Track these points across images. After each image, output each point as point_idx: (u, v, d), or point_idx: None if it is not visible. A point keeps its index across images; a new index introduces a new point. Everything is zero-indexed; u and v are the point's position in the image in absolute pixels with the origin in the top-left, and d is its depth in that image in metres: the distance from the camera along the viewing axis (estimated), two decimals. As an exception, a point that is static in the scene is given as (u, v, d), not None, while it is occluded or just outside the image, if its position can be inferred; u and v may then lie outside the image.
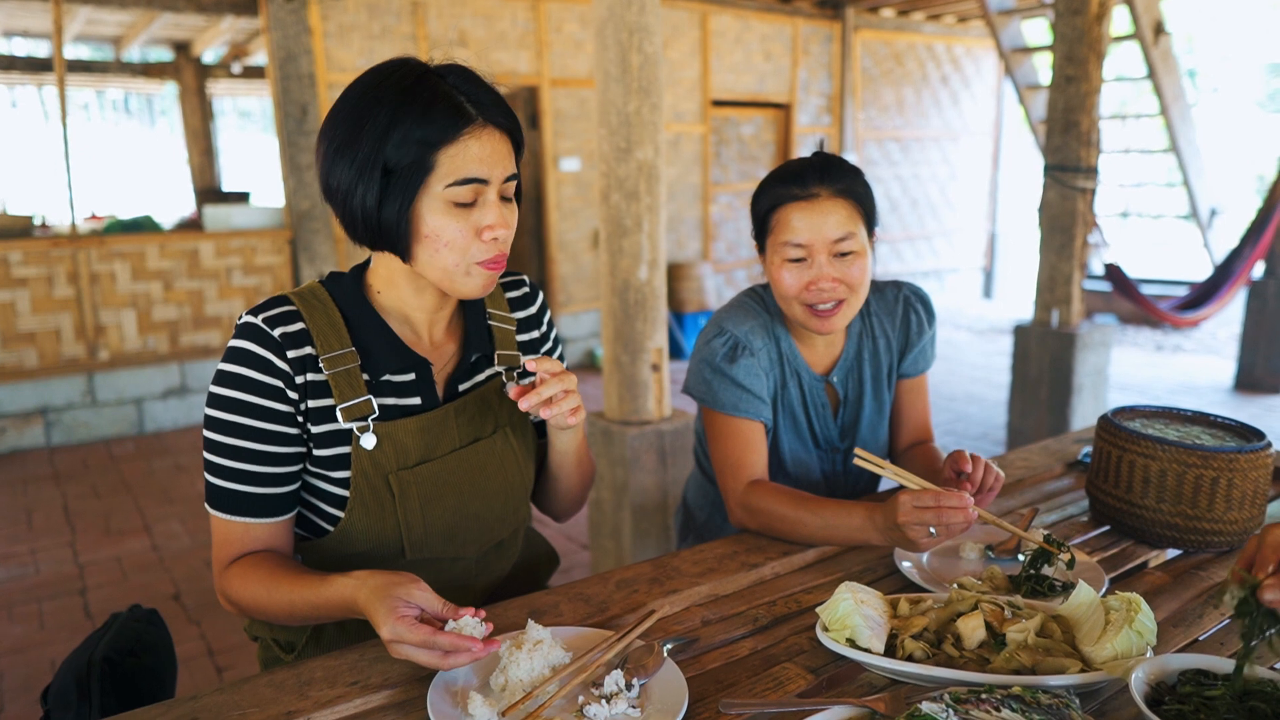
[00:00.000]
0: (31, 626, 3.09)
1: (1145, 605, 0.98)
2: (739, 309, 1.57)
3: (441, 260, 1.09)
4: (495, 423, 1.25)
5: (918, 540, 1.20)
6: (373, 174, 1.04)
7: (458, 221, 1.07)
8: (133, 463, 5.01)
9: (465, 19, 6.36)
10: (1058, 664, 0.96)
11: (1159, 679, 0.91)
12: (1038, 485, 1.66)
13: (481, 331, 1.26)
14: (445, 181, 1.05)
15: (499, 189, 1.10)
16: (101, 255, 5.36)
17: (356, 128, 1.05)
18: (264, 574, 1.09)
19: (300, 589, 1.05)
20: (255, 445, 1.09)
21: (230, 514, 1.11)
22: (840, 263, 1.43)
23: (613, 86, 2.71)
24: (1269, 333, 5.90)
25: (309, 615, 1.06)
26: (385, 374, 1.16)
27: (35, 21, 7.39)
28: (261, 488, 1.10)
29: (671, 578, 1.27)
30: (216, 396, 1.09)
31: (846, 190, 1.43)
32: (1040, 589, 1.18)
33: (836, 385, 1.60)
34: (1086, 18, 4.06)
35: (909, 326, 1.63)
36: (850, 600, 1.04)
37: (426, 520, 1.17)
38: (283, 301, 1.13)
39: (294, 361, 1.09)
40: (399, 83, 1.05)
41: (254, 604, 1.09)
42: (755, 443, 1.50)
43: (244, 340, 1.09)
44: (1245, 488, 1.31)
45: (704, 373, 1.52)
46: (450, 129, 1.04)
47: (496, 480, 1.23)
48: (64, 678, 1.24)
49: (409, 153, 1.03)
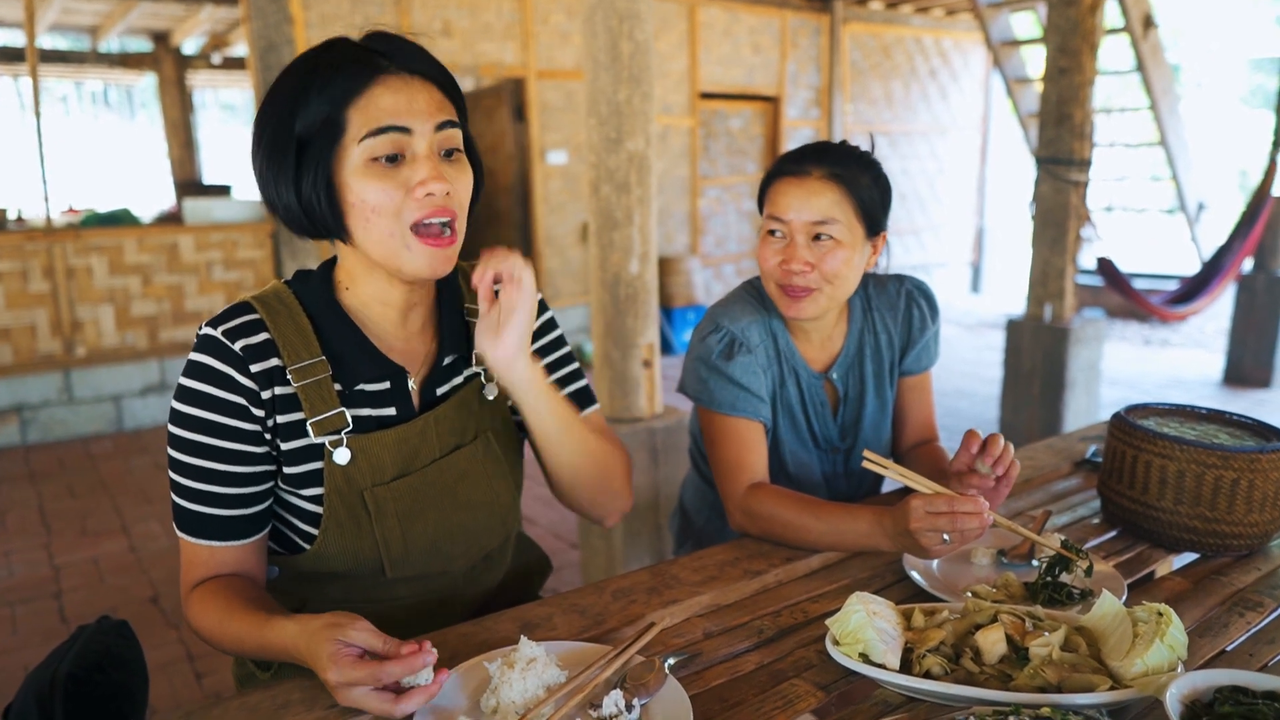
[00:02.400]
0: (4, 632, 3.00)
1: (1176, 617, 0.92)
2: (735, 303, 1.50)
3: (375, 230, 0.98)
4: (477, 428, 1.17)
5: (931, 547, 1.14)
6: (286, 150, 0.97)
7: (381, 181, 0.97)
8: (111, 461, 4.90)
9: (450, 9, 6.26)
10: (1085, 680, 0.90)
11: (1194, 697, 0.86)
12: (1046, 485, 1.61)
13: (458, 330, 1.16)
14: (359, 136, 0.96)
15: (431, 141, 0.99)
16: (78, 249, 5.24)
17: (269, 108, 0.98)
18: (220, 605, 1.01)
19: (249, 627, 0.97)
20: (220, 466, 1.02)
21: (196, 537, 1.04)
22: (816, 247, 1.38)
23: (602, 75, 2.64)
24: (1257, 327, 5.91)
25: (258, 654, 0.99)
26: (359, 384, 1.07)
27: (8, 10, 7.23)
28: (227, 509, 1.03)
29: (671, 586, 1.21)
30: (178, 413, 1.01)
31: (840, 175, 1.38)
32: (1058, 597, 1.12)
33: (836, 382, 1.54)
34: (1080, 9, 4.02)
35: (911, 322, 1.57)
36: (862, 612, 0.98)
37: (407, 538, 1.10)
38: (244, 310, 1.04)
39: (258, 376, 1.01)
40: (311, 55, 0.99)
41: (210, 634, 1.03)
42: (755, 444, 1.44)
43: (204, 355, 1.01)
44: (1266, 489, 1.26)
45: (700, 371, 1.46)
46: (358, 80, 0.96)
47: (481, 489, 1.16)
48: (24, 697, 1.16)
49: (317, 113, 0.95)
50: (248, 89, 11.08)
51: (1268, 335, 5.88)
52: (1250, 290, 5.92)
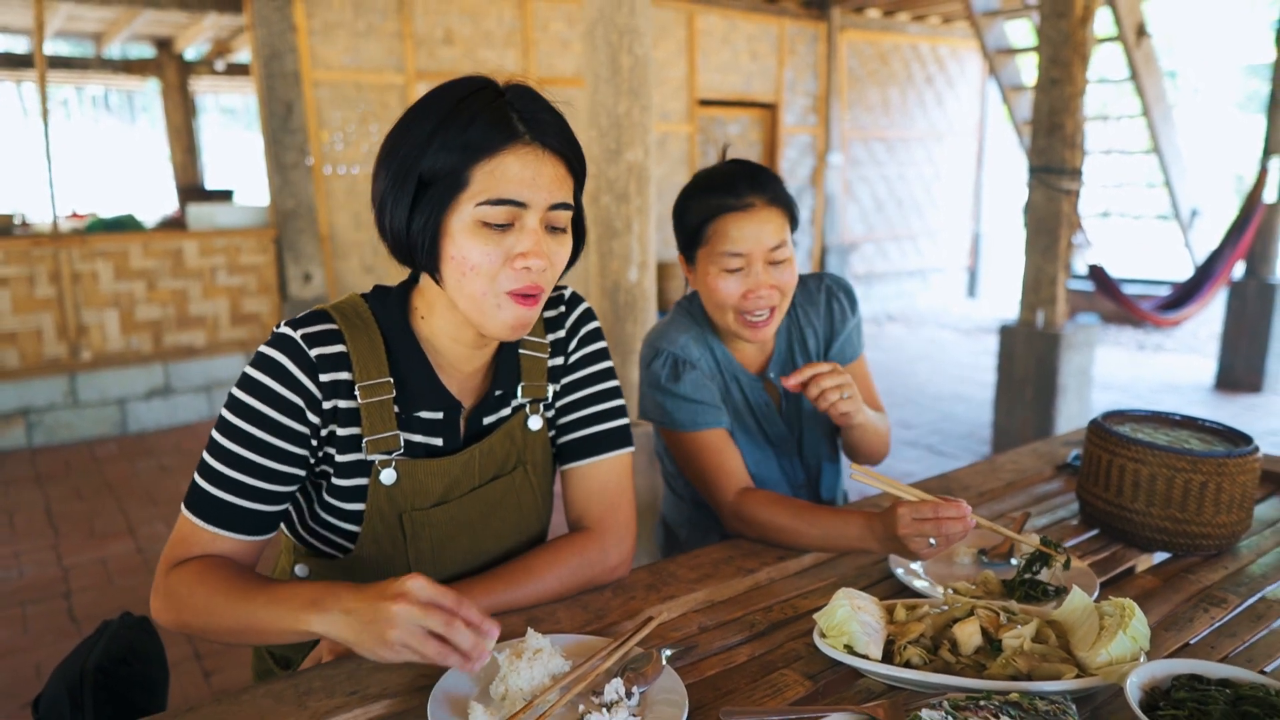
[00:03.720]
0: (15, 631, 3.06)
1: (1139, 610, 0.99)
2: (670, 326, 1.59)
3: (469, 287, 1.00)
4: (518, 458, 1.21)
5: (918, 551, 1.21)
6: (407, 183, 0.98)
7: (486, 244, 0.99)
8: (116, 464, 4.96)
9: (452, 16, 6.33)
10: (1053, 670, 0.97)
11: (1153, 684, 0.92)
12: (1028, 488, 1.68)
13: (513, 366, 1.19)
14: (477, 199, 0.97)
15: (542, 216, 1.01)
16: (84, 254, 5.30)
17: (402, 136, 1.00)
18: (224, 579, 1.01)
19: (254, 592, 0.98)
20: (257, 458, 1.04)
21: (206, 521, 1.05)
22: (774, 270, 1.47)
23: (603, 88, 2.71)
24: (1249, 332, 5.98)
25: (251, 624, 0.98)
26: (417, 410, 1.11)
27: (14, 17, 7.30)
28: (248, 501, 1.05)
29: (668, 584, 1.27)
30: (235, 400, 1.04)
31: (776, 198, 1.48)
32: (1034, 593, 1.19)
33: (775, 380, 1.63)
34: (1071, 20, 4.09)
35: (833, 315, 1.66)
36: (847, 606, 1.05)
37: (437, 562, 1.15)
38: (324, 318, 1.07)
39: (325, 385, 1.04)
40: (454, 93, 1.00)
41: (188, 606, 1.01)
42: (727, 450, 1.51)
43: (277, 351, 1.03)
44: (1233, 491, 1.32)
45: (655, 396, 1.54)
46: (490, 141, 0.97)
47: (512, 519, 1.21)
48: (56, 687, 1.22)
49: (445, 162, 0.97)
50: (249, 94, 11.16)
51: (1259, 341, 5.95)
52: (1242, 296, 6.00)
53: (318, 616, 0.93)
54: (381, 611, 0.89)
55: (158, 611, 1.06)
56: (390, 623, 0.88)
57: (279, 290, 5.97)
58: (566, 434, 1.25)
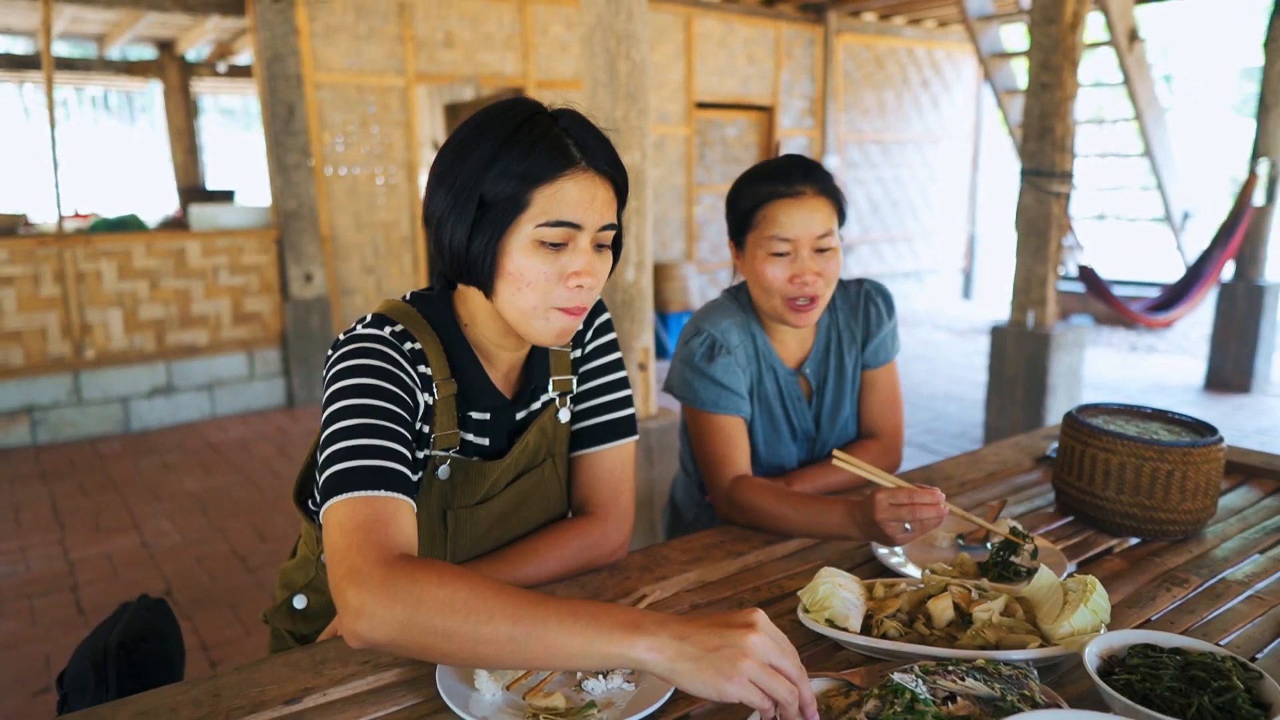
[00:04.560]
0: (24, 623, 3.12)
1: (1100, 586, 1.06)
2: (715, 309, 1.65)
3: (521, 300, 1.06)
4: (548, 451, 1.28)
5: (894, 536, 1.28)
6: (468, 204, 1.04)
7: (544, 263, 1.05)
8: (119, 461, 5.02)
9: (452, 20, 6.40)
10: (1019, 640, 1.04)
11: (1111, 653, 0.99)
12: (1008, 479, 1.75)
13: (544, 360, 1.26)
14: (537, 221, 1.03)
15: (593, 237, 1.08)
16: (88, 254, 5.37)
17: (460, 158, 1.05)
18: (489, 584, 0.88)
19: (550, 610, 0.86)
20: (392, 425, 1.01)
21: (379, 489, 0.96)
22: (820, 258, 1.52)
23: (601, 92, 2.78)
24: (1238, 334, 6.06)
25: (556, 647, 0.85)
26: (470, 410, 1.17)
27: (19, 19, 7.36)
28: (400, 465, 1.00)
29: (661, 565, 1.34)
30: (354, 385, 1.02)
31: (826, 189, 1.53)
32: (1006, 574, 1.26)
33: (809, 376, 1.69)
34: (1061, 26, 4.17)
35: (869, 318, 1.72)
36: (829, 584, 1.12)
37: (472, 553, 1.22)
38: (391, 321, 1.10)
39: (421, 378, 1.10)
40: (510, 119, 1.05)
41: (458, 605, 0.86)
42: (737, 438, 1.58)
43: (376, 344, 1.06)
44: (1198, 479, 1.39)
45: (684, 372, 1.60)
46: (551, 168, 1.03)
47: (539, 509, 1.28)
48: (80, 663, 1.28)
49: (506, 187, 1.02)
50: (250, 95, 11.23)
51: (1248, 342, 6.03)
52: (1231, 298, 6.07)
53: (643, 640, 0.83)
54: (730, 638, 0.82)
55: (369, 616, 0.86)
56: (744, 652, 0.81)
57: (280, 290, 6.03)
58: (579, 422, 1.32)
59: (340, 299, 6.21)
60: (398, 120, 6.29)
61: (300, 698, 0.99)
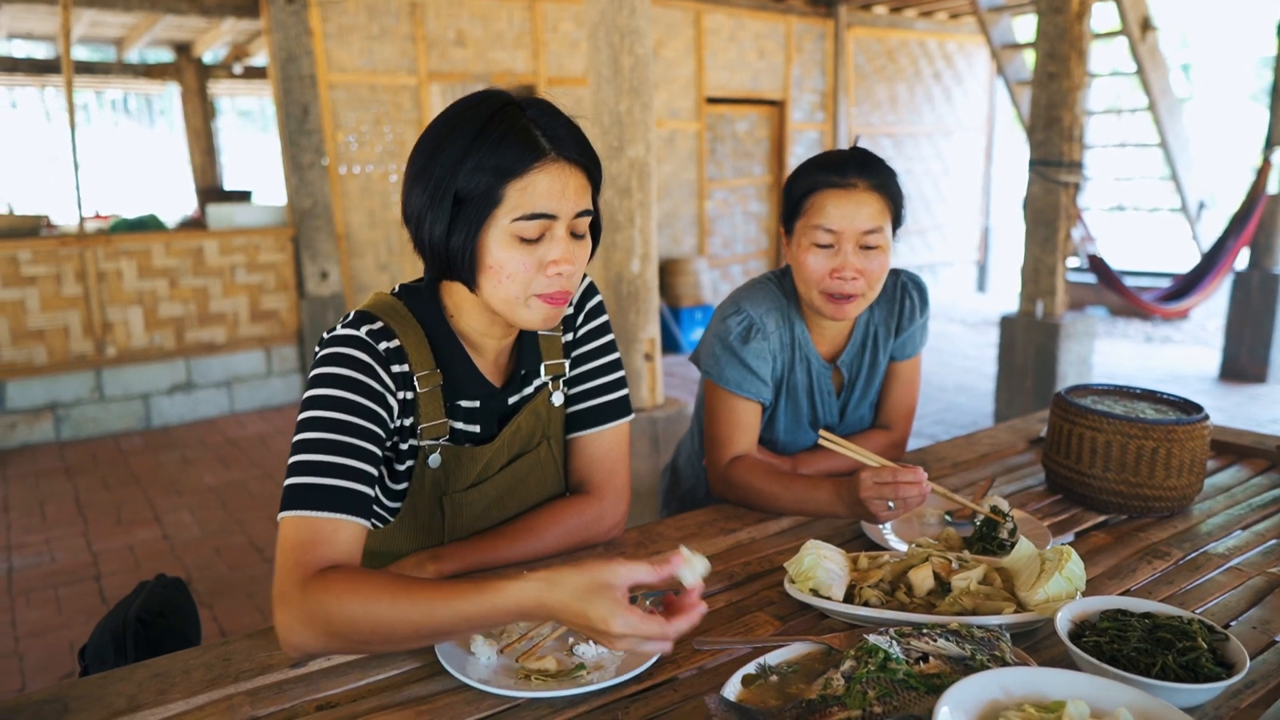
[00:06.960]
0: (49, 611, 3.21)
1: (1075, 555, 1.09)
2: (759, 290, 1.63)
3: (504, 291, 1.10)
4: (543, 434, 1.31)
5: (878, 514, 1.31)
6: (444, 202, 1.06)
7: (522, 254, 1.08)
8: (141, 456, 5.13)
9: (463, 19, 6.47)
10: (995, 607, 1.07)
11: (1083, 618, 1.02)
12: (1001, 460, 1.78)
13: (535, 347, 1.28)
14: (512, 215, 1.06)
15: (569, 224, 1.10)
16: (108, 254, 5.47)
17: (433, 156, 1.07)
18: (383, 584, 0.96)
19: (444, 599, 0.94)
20: (354, 440, 1.06)
21: (322, 510, 1.02)
22: (864, 255, 1.49)
23: (605, 87, 2.83)
24: (1253, 323, 6.02)
25: (446, 629, 0.96)
26: (458, 399, 1.20)
27: (40, 24, 7.50)
28: (354, 483, 1.05)
29: (655, 542, 1.38)
30: (320, 397, 1.07)
31: (881, 185, 1.50)
32: (989, 548, 1.29)
33: (843, 369, 1.68)
34: (1068, 15, 4.17)
35: (903, 311, 1.70)
36: (814, 555, 1.16)
37: (469, 535, 1.26)
38: (371, 318, 1.13)
39: (396, 377, 1.12)
40: (480, 114, 1.06)
41: (358, 619, 0.95)
42: (749, 422, 1.59)
43: (352, 349, 1.09)
44: (1183, 456, 1.42)
45: (715, 347, 1.59)
46: (521, 161, 1.05)
47: (536, 490, 1.32)
48: (100, 636, 1.34)
49: (480, 182, 1.05)
50: (266, 96, 11.35)
51: (1263, 331, 5.99)
52: (1246, 287, 6.03)
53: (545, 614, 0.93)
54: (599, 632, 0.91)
55: (293, 634, 0.97)
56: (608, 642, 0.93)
57: (296, 288, 6.12)
58: (574, 404, 1.35)
59: (355, 295, 6.29)
60: (410, 119, 6.36)
61: (305, 661, 1.04)
